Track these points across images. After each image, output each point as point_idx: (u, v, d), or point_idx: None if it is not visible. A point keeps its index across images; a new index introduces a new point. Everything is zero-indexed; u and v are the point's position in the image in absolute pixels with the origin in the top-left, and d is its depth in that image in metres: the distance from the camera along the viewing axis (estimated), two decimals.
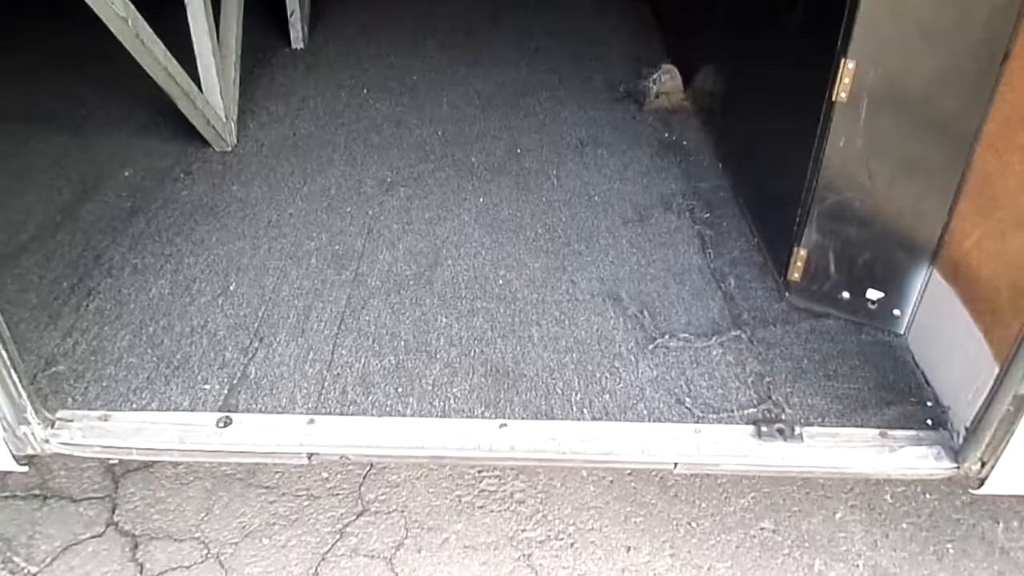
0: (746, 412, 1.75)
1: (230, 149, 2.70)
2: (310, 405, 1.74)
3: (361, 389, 1.79)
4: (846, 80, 1.75)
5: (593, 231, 2.36)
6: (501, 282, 2.13)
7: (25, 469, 1.68)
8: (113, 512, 2.07)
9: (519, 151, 2.79)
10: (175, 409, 1.74)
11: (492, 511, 2.08)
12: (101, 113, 2.91)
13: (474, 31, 3.78)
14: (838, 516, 2.08)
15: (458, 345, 1.92)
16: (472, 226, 2.37)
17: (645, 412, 1.75)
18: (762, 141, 2.33)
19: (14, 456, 1.63)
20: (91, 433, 1.68)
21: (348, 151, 2.74)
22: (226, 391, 1.77)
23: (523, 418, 1.72)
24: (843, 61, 1.74)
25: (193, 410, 1.73)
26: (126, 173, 2.56)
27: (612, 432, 1.69)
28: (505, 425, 1.70)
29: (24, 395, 1.59)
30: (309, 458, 1.66)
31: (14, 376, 1.56)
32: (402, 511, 2.07)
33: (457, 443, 1.68)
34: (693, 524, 2.06)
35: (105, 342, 1.92)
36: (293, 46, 3.50)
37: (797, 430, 1.69)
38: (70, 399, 1.76)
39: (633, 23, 3.89)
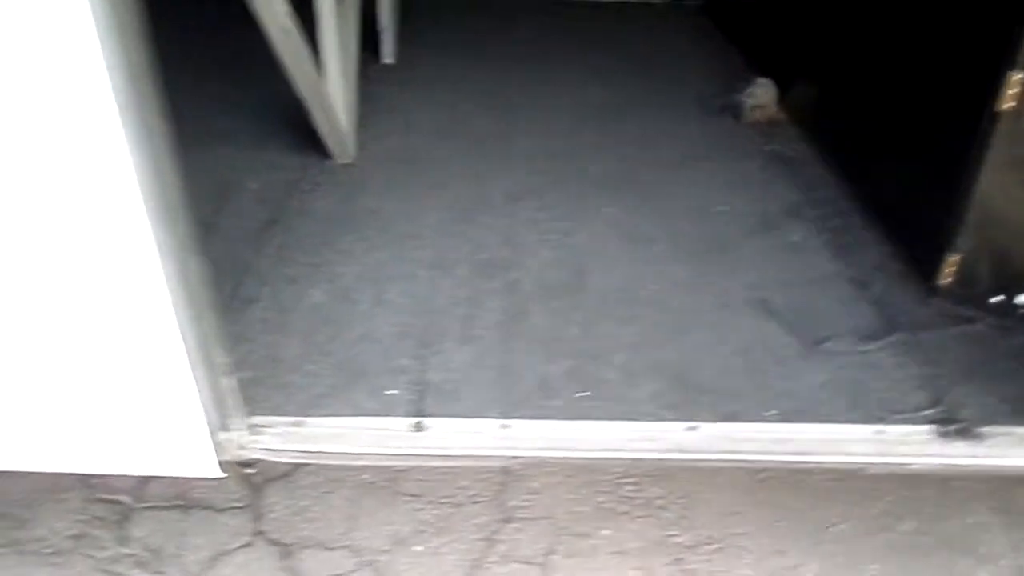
0: (923, 413, 1.79)
1: (351, 161, 2.73)
2: (499, 410, 1.77)
3: (543, 393, 1.81)
4: (1013, 91, 1.81)
5: (724, 240, 2.40)
6: (652, 288, 2.17)
7: (225, 476, 1.70)
8: (258, 521, 2.07)
9: (628, 163, 2.84)
10: (365, 415, 1.76)
11: (637, 516, 2.10)
12: (218, 124, 2.93)
13: (552, 51, 3.86)
14: (978, 518, 2.11)
15: (626, 350, 1.95)
16: (606, 235, 2.40)
17: (825, 414, 1.78)
18: (897, 149, 2.37)
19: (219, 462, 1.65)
20: (290, 439, 1.69)
21: (465, 164, 2.78)
22: (414, 396, 1.80)
23: (710, 420, 1.75)
24: (1011, 73, 1.80)
25: (383, 415, 1.76)
26: (254, 185, 2.59)
27: (803, 433, 1.72)
28: (695, 428, 1.73)
29: (231, 401, 1.61)
30: (509, 461, 1.68)
31: (224, 382, 1.58)
32: (548, 518, 2.09)
33: (649, 445, 1.70)
34: (837, 527, 2.09)
35: (278, 349, 1.93)
36: (383, 61, 3.55)
37: (978, 430, 1.74)
38: (257, 405, 1.78)
39: (707, 44, 3.99)
